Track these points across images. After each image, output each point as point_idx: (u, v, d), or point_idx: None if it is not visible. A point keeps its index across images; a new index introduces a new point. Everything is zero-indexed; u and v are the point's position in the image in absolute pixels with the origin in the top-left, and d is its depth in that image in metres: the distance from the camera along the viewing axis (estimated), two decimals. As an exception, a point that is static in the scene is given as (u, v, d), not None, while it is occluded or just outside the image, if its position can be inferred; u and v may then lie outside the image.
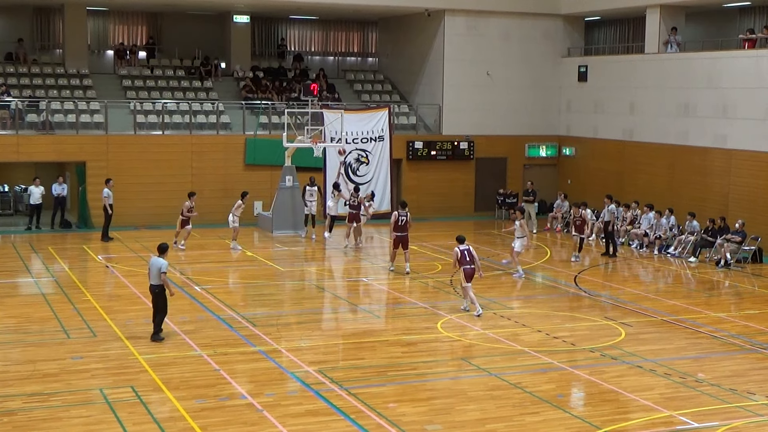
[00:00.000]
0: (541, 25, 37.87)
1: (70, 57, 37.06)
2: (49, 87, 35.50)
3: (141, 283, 23.36)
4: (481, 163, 37.55)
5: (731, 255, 27.41)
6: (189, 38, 40.13)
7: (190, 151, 33.74)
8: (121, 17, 40.01)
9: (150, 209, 32.45)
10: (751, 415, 14.36)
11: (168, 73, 38.40)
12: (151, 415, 13.72)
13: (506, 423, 13.76)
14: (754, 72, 29.54)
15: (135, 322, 19.33)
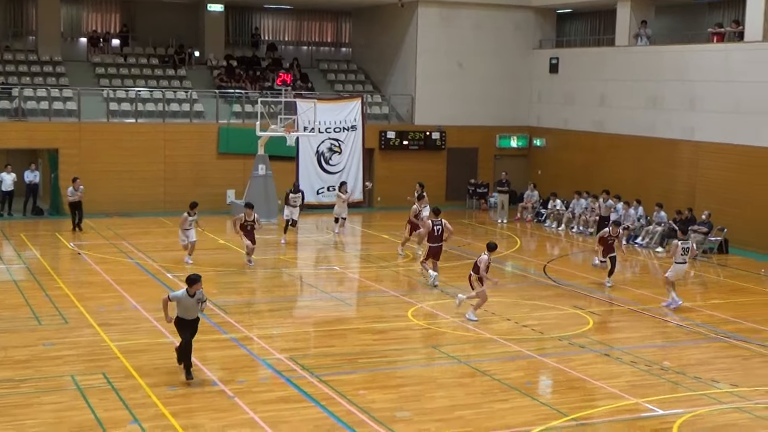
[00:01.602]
0: (513, 16, 37.95)
1: (43, 44, 36.78)
2: (22, 74, 35.15)
3: (112, 270, 23.38)
4: (453, 153, 37.63)
5: (698, 246, 27.68)
6: (163, 26, 39.89)
7: (163, 139, 33.60)
8: (94, 4, 39.68)
9: (122, 197, 32.30)
10: (715, 403, 14.56)
11: (141, 61, 38.17)
12: (122, 401, 13.70)
13: (475, 410, 13.86)
14: (722, 65, 29.76)
15: (107, 309, 19.30)
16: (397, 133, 36.85)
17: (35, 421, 12.82)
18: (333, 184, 33.72)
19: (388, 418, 13.34)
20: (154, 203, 32.55)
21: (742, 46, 29.46)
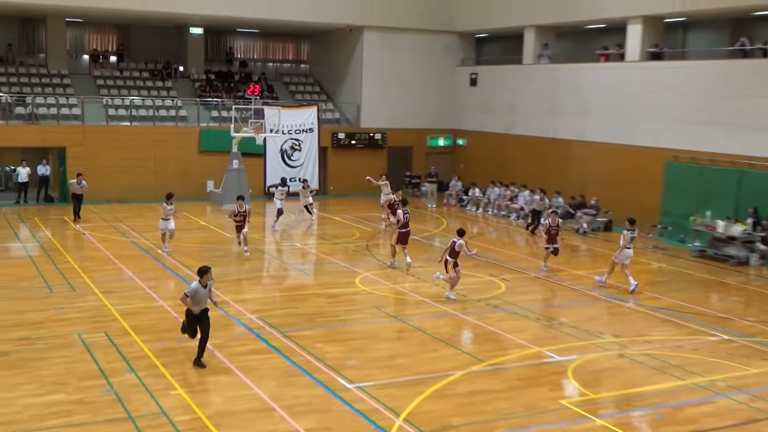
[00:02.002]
0: (441, 40, 37.96)
1: (52, 60, 36.17)
2: (34, 85, 34.61)
3: (112, 247, 23.14)
4: (392, 150, 37.61)
5: (588, 225, 28.08)
6: (152, 46, 39.41)
7: (153, 139, 33.24)
8: (95, 27, 39.14)
9: (119, 187, 31.92)
10: (601, 350, 14.86)
11: (135, 74, 37.70)
12: (121, 354, 13.68)
13: (410, 358, 14.02)
14: (607, 80, 30.12)
15: (107, 279, 19.15)
16: (347, 135, 36.77)
17: (49, 371, 12.77)
18: (294, 176, 33.79)
19: (340, 365, 13.43)
20: (146, 192, 32.17)
21: (623, 65, 29.81)
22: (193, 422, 10.95)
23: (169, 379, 12.53)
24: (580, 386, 12.90)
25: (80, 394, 11.83)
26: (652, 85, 28.16)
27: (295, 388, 12.34)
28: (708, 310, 18.16)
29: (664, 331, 16.39)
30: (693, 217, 25.29)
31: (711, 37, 30.29)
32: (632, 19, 29.10)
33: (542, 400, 12.21)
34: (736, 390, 12.93)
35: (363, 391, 12.29)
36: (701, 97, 26.35)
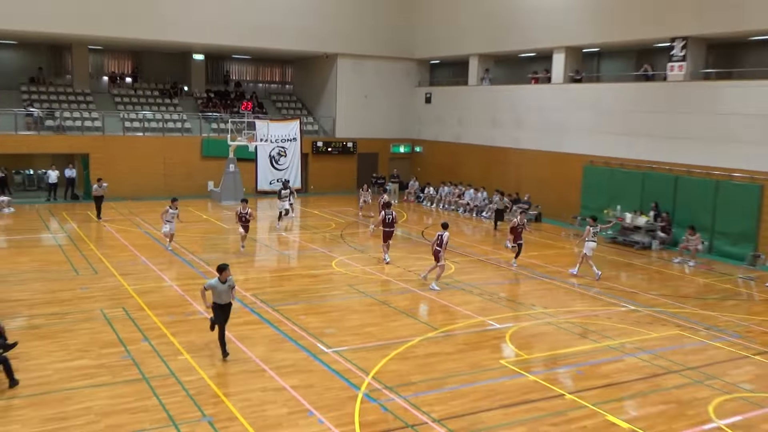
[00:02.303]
0: (402, 65, 37.98)
1: (77, 81, 35.59)
2: (62, 102, 34.03)
3: (128, 237, 22.86)
4: (361, 156, 37.57)
5: (521, 216, 28.23)
6: (161, 69, 38.99)
7: (162, 147, 32.92)
8: (113, 53, 38.58)
9: (134, 186, 31.58)
10: (533, 319, 15.00)
11: (147, 93, 37.20)
12: (137, 326, 13.56)
13: (377, 327, 14.05)
14: (537, 99, 30.38)
15: (124, 263, 18.93)
16: (324, 143, 36.62)
17: (76, 341, 12.65)
18: (281, 177, 33.71)
19: (319, 333, 13.43)
20: (157, 191, 31.88)
21: (550, 86, 30.06)
22: (198, 381, 10.88)
23: (177, 346, 12.45)
24: (516, 349, 13.02)
25: (102, 360, 11.73)
26: (573, 103, 28.46)
27: (283, 353, 12.32)
28: (618, 285, 18.42)
29: (584, 303, 16.61)
30: (606, 210, 25.57)
31: (620, 64, 30.68)
32: (557, 49, 29.34)
33: (485, 360, 12.31)
34: (641, 350, 13.14)
35: (339, 355, 12.30)
36: (612, 113, 26.68)
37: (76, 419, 9.47)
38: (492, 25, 32.10)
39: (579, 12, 27.71)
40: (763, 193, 21.52)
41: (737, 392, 11.27)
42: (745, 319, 15.59)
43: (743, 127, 22.13)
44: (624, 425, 9.84)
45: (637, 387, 11.34)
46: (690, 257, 21.41)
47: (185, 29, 32.32)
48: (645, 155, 25.26)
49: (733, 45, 25.11)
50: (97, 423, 9.38)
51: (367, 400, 10.40)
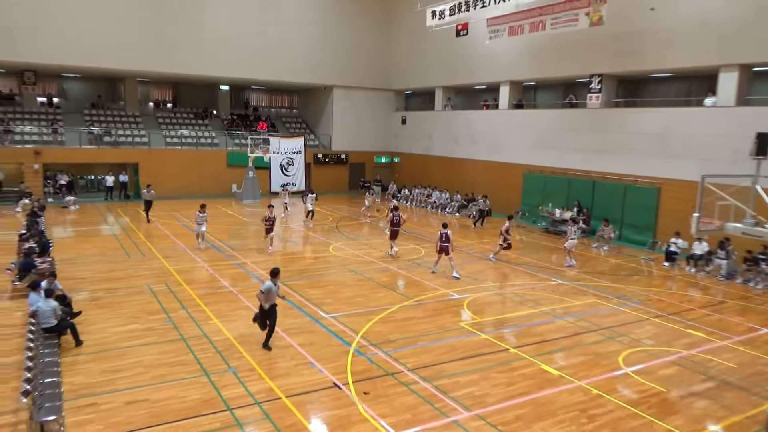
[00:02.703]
0: (384, 94, 37.80)
1: (128, 106, 34.94)
2: (116, 122, 33.44)
3: (169, 228, 22.54)
4: (352, 165, 37.37)
5: (476, 212, 28.30)
6: (195, 97, 38.41)
7: (196, 158, 32.49)
8: (157, 84, 37.91)
9: (174, 189, 31.13)
10: (485, 291, 14.97)
11: (184, 116, 36.64)
12: (177, 298, 13.39)
13: (365, 297, 13.98)
14: (488, 122, 30.36)
15: (166, 249, 18.66)
16: (323, 155, 36.39)
17: (127, 310, 12.47)
18: (289, 181, 33.55)
19: (320, 302, 13.35)
20: (191, 191, 31.53)
21: (497, 112, 30.07)
22: (225, 341, 10.77)
23: (208, 314, 12.31)
24: (472, 314, 13.04)
25: (149, 324, 11.57)
26: (515, 125, 28.48)
27: (290, 318, 12.23)
28: (550, 265, 18.49)
29: (524, 278, 16.62)
30: (541, 207, 25.67)
31: (551, 94, 30.78)
32: (503, 83, 29.34)
33: (448, 323, 12.30)
34: (567, 315, 13.20)
35: (335, 319, 12.24)
36: (545, 133, 26.75)
37: (129, 371, 9.34)
38: (453, 63, 32.01)
39: (520, 54, 27.73)
40: (659, 194, 21.72)
41: (640, 346, 11.36)
42: (646, 290, 15.73)
43: (644, 143, 22.29)
44: (554, 372, 9.88)
45: (564, 343, 11.40)
46: (605, 243, 21.56)
47: (214, 66, 31.96)
48: (570, 165, 25.37)
49: (637, 81, 25.27)
50: (145, 374, 9.25)
51: (357, 354, 10.36)
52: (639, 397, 9.04)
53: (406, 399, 8.60)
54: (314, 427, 7.79)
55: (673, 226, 20.01)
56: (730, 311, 14.07)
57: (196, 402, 8.34)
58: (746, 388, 9.61)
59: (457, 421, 8.01)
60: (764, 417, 8.51)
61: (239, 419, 7.87)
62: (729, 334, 12.30)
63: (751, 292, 16.07)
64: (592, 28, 21.39)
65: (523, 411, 8.39)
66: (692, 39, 20.44)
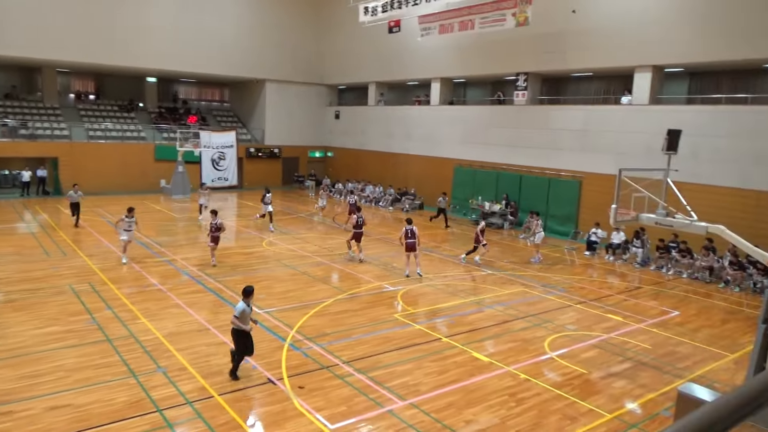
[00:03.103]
0: (316, 89, 37.45)
1: (47, 97, 32.90)
2: (33, 114, 31.40)
3: (93, 225, 21.43)
4: (285, 159, 36.83)
5: (409, 205, 28.62)
6: (120, 89, 36.52)
7: (122, 153, 31.08)
8: (78, 75, 35.86)
9: (98, 185, 29.61)
10: (418, 283, 15.14)
11: (108, 108, 34.90)
12: (101, 298, 12.73)
13: (299, 291, 13.82)
14: (420, 116, 30.73)
15: (90, 247, 17.71)
16: (256, 149, 35.64)
17: (48, 311, 11.74)
18: (221, 176, 32.78)
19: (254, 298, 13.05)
20: (117, 187, 30.18)
21: (429, 108, 30.45)
22: (154, 340, 10.34)
23: (136, 313, 11.78)
24: (405, 305, 13.15)
25: (71, 326, 10.94)
26: (446, 120, 28.95)
27: (224, 314, 11.90)
28: (480, 256, 18.91)
29: (455, 270, 16.94)
30: (471, 200, 26.24)
31: (480, 91, 31.51)
32: (434, 80, 29.75)
33: (382, 315, 12.35)
34: (496, 303, 13.56)
35: (269, 314, 12.02)
36: (474, 128, 27.35)
37: (49, 375, 8.79)
38: (385, 59, 32.14)
39: (451, 52, 28.17)
40: (581, 187, 22.70)
41: (564, 331, 11.84)
42: (569, 278, 16.41)
43: (566, 139, 23.22)
44: (485, 359, 10.12)
45: (493, 330, 11.70)
46: (531, 234, 22.30)
47: (140, 57, 30.60)
48: (498, 159, 26.07)
49: (559, 79, 26.27)
50: (67, 378, 8.73)
51: (291, 348, 10.21)
52: (563, 379, 9.41)
53: (342, 391, 8.57)
54: (248, 423, 7.62)
55: (593, 217, 20.97)
56: (644, 296, 14.91)
57: (123, 404, 7.96)
58: (659, 367, 10.22)
59: (392, 411, 8.05)
60: (675, 393, 9.09)
61: (169, 420, 7.58)
62: (644, 317, 13.04)
63: (664, 278, 17.11)
64: (518, 28, 22.03)
65: (455, 398, 8.54)
66: (610, 41, 21.43)
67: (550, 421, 7.93)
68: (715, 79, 21.35)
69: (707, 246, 17.13)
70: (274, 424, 7.60)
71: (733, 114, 18.44)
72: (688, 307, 14.10)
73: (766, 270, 15.63)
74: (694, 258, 17.41)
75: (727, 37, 18.30)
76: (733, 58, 18.55)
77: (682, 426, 1.15)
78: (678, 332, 12.13)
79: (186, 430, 7.35)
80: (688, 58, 19.67)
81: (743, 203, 17.69)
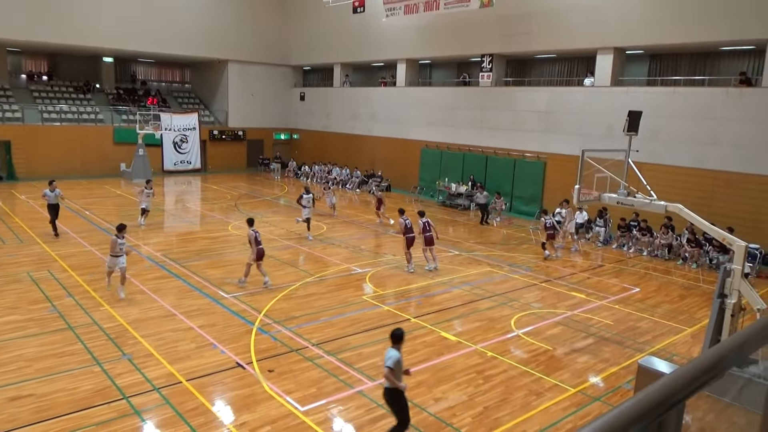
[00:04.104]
0: (281, 70, 36.84)
1: (-4, 78, 31.61)
2: (-17, 95, 30.15)
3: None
4: (250, 142, 36.25)
5: (376, 187, 28.59)
6: (75, 69, 35.10)
7: (79, 135, 30.02)
8: (30, 54, 34.36)
9: (54, 169, 28.47)
10: (385, 264, 15.21)
11: (63, 89, 33.59)
12: (61, 285, 12.42)
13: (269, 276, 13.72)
14: (386, 98, 30.62)
15: (47, 233, 17.17)
16: (219, 131, 34.95)
17: (6, 300, 11.41)
18: (183, 159, 32.18)
19: (220, 283, 12.96)
20: (74, 171, 29.26)
21: (395, 89, 30.35)
22: (118, 327, 10.16)
23: (98, 300, 11.54)
24: (374, 287, 13.23)
25: (30, 315, 10.65)
26: (412, 102, 28.93)
27: (189, 300, 11.78)
28: (447, 237, 19.12)
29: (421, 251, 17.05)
30: (438, 181, 26.41)
31: (446, 73, 31.55)
32: (399, 61, 29.63)
33: (351, 297, 12.41)
34: (463, 283, 13.77)
35: (236, 299, 11.93)
36: (440, 109, 27.42)
37: (9, 366, 8.56)
38: (350, 40, 31.81)
39: (416, 33, 28.06)
40: (545, 168, 23.07)
41: (529, 309, 12.12)
42: (534, 258, 16.75)
43: (531, 120, 23.52)
44: (452, 338, 10.30)
45: (461, 310, 11.89)
46: (497, 215, 22.62)
47: (95, 36, 29.46)
48: (464, 141, 26.24)
49: (524, 61, 26.49)
50: (28, 367, 8.53)
51: (260, 332, 10.19)
52: (529, 356, 9.66)
53: (311, 374, 8.61)
54: (218, 408, 7.60)
55: (557, 198, 21.38)
56: (607, 274, 15.35)
57: (88, 393, 7.82)
58: (620, 342, 10.58)
59: (362, 391, 8.14)
60: (636, 367, 9.43)
61: (136, 407, 7.49)
62: (606, 294, 13.44)
63: (625, 256, 17.63)
64: (483, 9, 22.06)
65: (424, 376, 8.68)
66: (573, 23, 21.67)
67: (517, 397, 8.14)
68: (674, 62, 21.87)
69: (666, 224, 17.69)
70: (245, 407, 7.60)
71: (691, 96, 18.96)
72: (648, 283, 14.59)
73: (721, 247, 16.26)
74: (654, 236, 17.97)
75: (686, 21, 18.73)
76: (691, 40, 19.02)
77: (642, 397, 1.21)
78: (638, 308, 12.55)
79: (154, 417, 7.29)
80: (649, 41, 20.08)
81: (700, 183, 18.30)
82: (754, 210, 17.19)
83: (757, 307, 8.32)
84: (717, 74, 20.36)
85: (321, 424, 7.16)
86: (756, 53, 19.23)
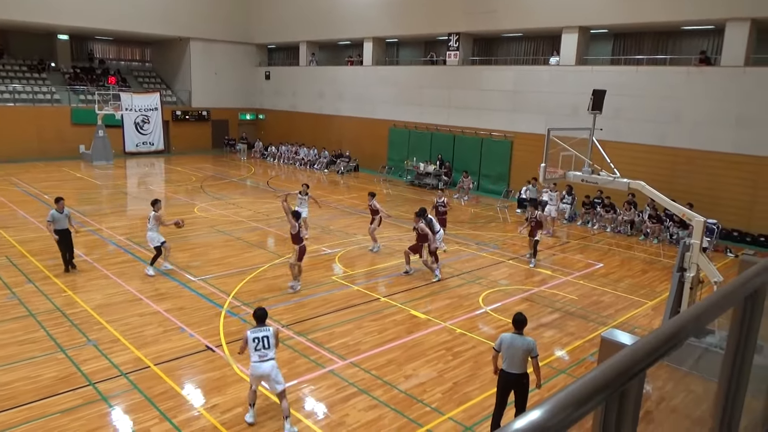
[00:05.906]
0: (245, 48, 36.06)
1: (-57, 55, 30.07)
2: (-71, 74, 28.65)
3: (6, 195, 20.05)
4: (215, 122, 35.52)
5: (344, 167, 28.48)
6: (28, 47, 33.62)
7: (34, 116, 28.91)
8: (-22, 31, 32.89)
9: (11, 151, 27.58)
10: (355, 245, 15.20)
11: (15, 68, 32.17)
12: (21, 271, 12.08)
13: (235, 258, 13.62)
14: (353, 77, 30.32)
15: (5, 218, 16.60)
16: (182, 112, 34.13)
17: (-39, 287, 10.99)
18: (145, 140, 31.43)
19: (187, 266, 12.79)
20: (30, 154, 28.22)
21: (362, 68, 30.07)
22: (81, 313, 9.95)
23: (60, 285, 11.26)
24: (344, 267, 13.24)
25: (-11, 302, 10.33)
26: (380, 81, 28.73)
27: (156, 284, 11.60)
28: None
29: (391, 230, 17.04)
30: (406, 161, 26.43)
31: (413, 52, 31.38)
32: (366, 39, 29.33)
33: (321, 277, 12.40)
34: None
35: (204, 282, 11.80)
36: (408, 88, 27.33)
37: (-33, 355, 8.32)
38: (316, 17, 31.31)
39: (383, 11, 27.78)
40: (512, 147, 23.30)
41: (497, 287, 12.32)
42: (501, 236, 16.99)
43: (498, 99, 23.66)
44: (422, 316, 10.42)
45: (430, 288, 12.02)
46: (465, 194, 22.82)
47: (46, 12, 28.25)
48: (432, 120, 26.27)
49: (491, 40, 26.54)
50: (-13, 356, 8.30)
51: (229, 315, 10.12)
52: (497, 332, 9.84)
53: (282, 354, 8.61)
54: (187, 391, 7.55)
55: (524, 176, 21.66)
56: (572, 250, 15.69)
57: (52, 380, 7.67)
58: (585, 316, 10.87)
59: (333, 371, 8.19)
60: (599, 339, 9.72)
61: (103, 393, 7.39)
62: (571, 270, 13.75)
63: (589, 233, 18.03)
64: (450, -14, 21.92)
65: (395, 355, 8.78)
66: (539, 1, 21.75)
67: (485, 372, 8.31)
68: (637, 41, 22.21)
69: (629, 201, 18.13)
70: (215, 390, 7.57)
71: (653, 74, 19.33)
72: (611, 259, 14.98)
73: (681, 222, 16.77)
74: (617, 213, 18.41)
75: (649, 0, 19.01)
76: (654, 19, 19.32)
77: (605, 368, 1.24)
78: (602, 283, 12.90)
79: (122, 402, 7.20)
80: (613, 20, 20.32)
81: (661, 160, 18.76)
82: (712, 186, 17.74)
83: (714, 280, 8.64)
84: (678, 53, 20.77)
85: (293, 404, 7.18)
86: (715, 33, 19.67)
